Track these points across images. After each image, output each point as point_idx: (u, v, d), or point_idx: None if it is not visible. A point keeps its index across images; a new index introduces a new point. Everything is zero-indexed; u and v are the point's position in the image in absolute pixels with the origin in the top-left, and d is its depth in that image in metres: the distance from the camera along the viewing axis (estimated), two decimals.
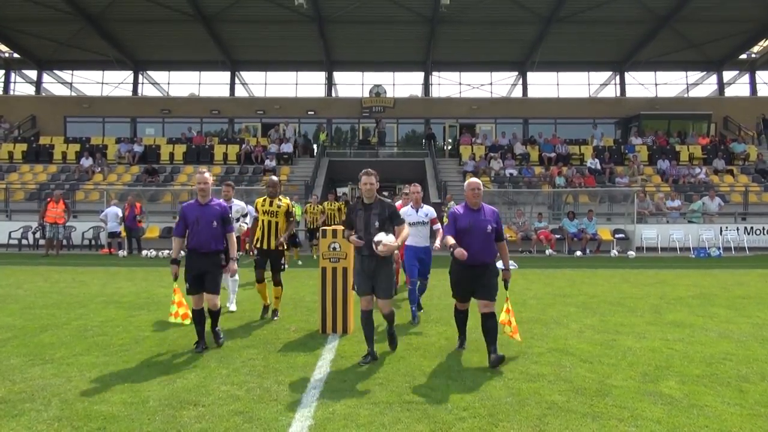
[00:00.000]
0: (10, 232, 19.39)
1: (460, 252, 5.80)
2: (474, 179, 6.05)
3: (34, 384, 5.07)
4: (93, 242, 19.83)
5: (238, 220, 8.71)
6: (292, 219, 8.18)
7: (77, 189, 23.03)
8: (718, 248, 18.86)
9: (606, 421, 4.25)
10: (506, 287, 5.93)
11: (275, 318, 7.96)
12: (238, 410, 4.45)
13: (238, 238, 7.83)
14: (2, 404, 4.54)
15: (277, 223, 7.88)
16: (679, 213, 21.09)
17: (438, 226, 8.21)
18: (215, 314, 6.45)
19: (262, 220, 7.91)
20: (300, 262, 15.80)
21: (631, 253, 18.41)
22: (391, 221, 5.88)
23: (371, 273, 5.86)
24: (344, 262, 7.08)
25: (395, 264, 6.10)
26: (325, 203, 17.02)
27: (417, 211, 8.19)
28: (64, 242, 18.73)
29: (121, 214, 18.40)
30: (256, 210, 8.06)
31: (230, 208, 7.59)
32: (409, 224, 7.21)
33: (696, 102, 30.22)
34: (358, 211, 5.90)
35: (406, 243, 7.32)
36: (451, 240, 5.74)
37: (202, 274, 6.21)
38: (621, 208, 21.45)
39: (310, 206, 16.76)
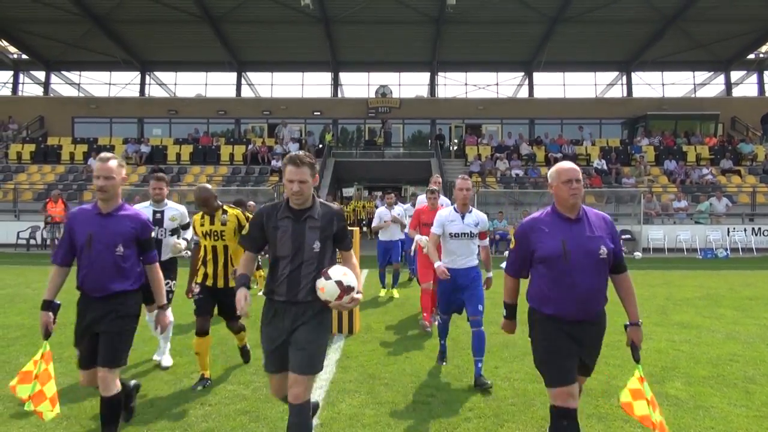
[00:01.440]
0: (18, 232, 19.52)
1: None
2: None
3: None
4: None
5: (175, 233, 5.90)
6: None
7: (85, 189, 23.16)
8: (726, 249, 18.76)
9: (612, 422, 4.24)
10: (636, 357, 3.38)
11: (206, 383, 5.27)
12: (244, 409, 4.48)
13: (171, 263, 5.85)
14: (11, 402, 4.59)
15: (226, 248, 5.30)
16: (686, 214, 21.00)
17: (486, 242, 5.71)
18: (109, 404, 3.66)
19: (204, 246, 5.35)
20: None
21: (638, 254, 18.34)
22: (338, 241, 3.48)
23: (288, 334, 3.31)
24: None
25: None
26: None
27: (463, 218, 5.53)
28: None
29: None
30: (195, 233, 5.53)
31: (161, 216, 5.77)
32: (451, 236, 5.47)
33: (703, 102, 30.08)
34: (280, 222, 3.34)
35: (444, 265, 5.45)
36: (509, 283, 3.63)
37: (96, 334, 3.72)
38: (627, 209, 21.37)
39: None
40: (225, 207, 5.41)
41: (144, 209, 5.64)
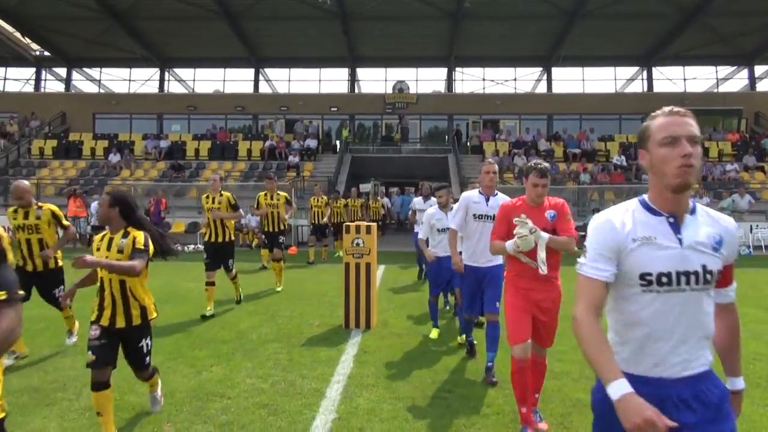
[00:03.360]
0: None
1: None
2: None
3: (65, 374, 5.20)
4: None
5: None
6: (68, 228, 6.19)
7: (105, 184, 23.44)
8: (748, 247, 18.46)
9: None
10: None
11: None
12: (262, 403, 4.51)
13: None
14: (36, 393, 4.68)
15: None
16: None
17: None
18: None
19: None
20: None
21: None
22: None
23: None
24: (368, 257, 7.11)
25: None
26: (348, 199, 17.07)
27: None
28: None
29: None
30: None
31: None
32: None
33: (726, 97, 29.52)
34: None
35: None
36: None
37: None
38: None
39: (314, 199, 14.77)
40: (36, 204, 5.80)
41: None
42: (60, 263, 6.10)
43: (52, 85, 33.15)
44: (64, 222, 6.14)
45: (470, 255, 5.36)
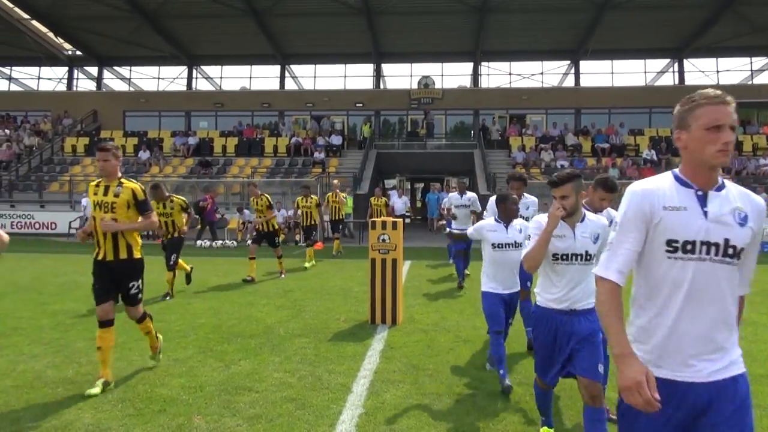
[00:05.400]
0: (69, 222, 20.34)
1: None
2: None
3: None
4: (149, 232, 20.57)
5: None
6: None
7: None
8: None
9: None
10: None
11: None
12: (290, 397, 4.55)
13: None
14: (70, 385, 4.79)
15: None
16: None
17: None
18: None
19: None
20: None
21: None
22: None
23: None
24: (393, 253, 7.11)
25: None
26: (371, 198, 16.90)
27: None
28: None
29: None
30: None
31: None
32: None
33: (761, 89, 28.70)
34: None
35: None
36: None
37: None
38: None
39: (302, 200, 13.29)
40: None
41: None
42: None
43: (84, 83, 33.94)
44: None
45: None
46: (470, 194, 10.09)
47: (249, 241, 13.44)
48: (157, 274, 11.11)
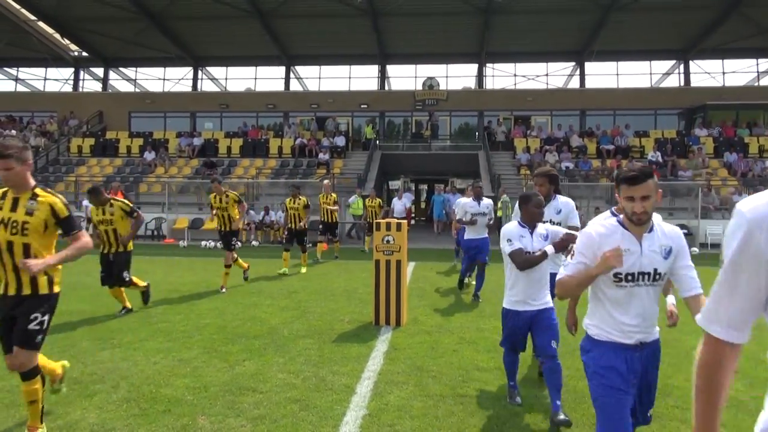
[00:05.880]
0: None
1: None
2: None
3: (104, 367, 5.34)
4: (155, 232, 20.67)
5: None
6: None
7: (141, 181, 24.01)
8: None
9: (667, 422, 4.12)
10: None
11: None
12: (294, 398, 4.56)
13: None
14: (76, 385, 4.81)
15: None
16: None
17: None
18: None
19: None
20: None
21: (695, 250, 17.65)
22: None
23: None
24: (398, 254, 7.12)
25: None
26: (366, 199, 17.02)
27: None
28: None
29: None
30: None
31: None
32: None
33: (767, 91, 28.61)
34: None
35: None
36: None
37: None
38: (684, 203, 20.60)
39: (290, 201, 12.72)
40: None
41: None
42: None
43: (90, 84, 34.04)
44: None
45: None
46: (487, 201, 9.31)
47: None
48: (162, 275, 11.14)
